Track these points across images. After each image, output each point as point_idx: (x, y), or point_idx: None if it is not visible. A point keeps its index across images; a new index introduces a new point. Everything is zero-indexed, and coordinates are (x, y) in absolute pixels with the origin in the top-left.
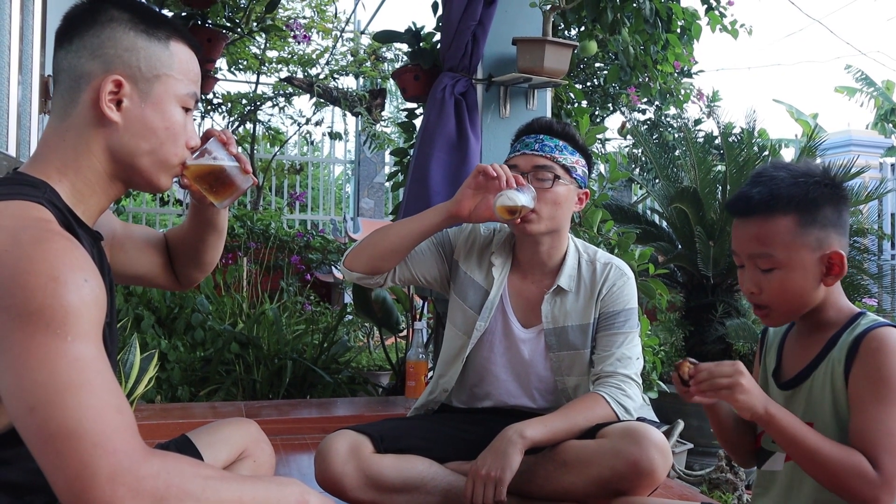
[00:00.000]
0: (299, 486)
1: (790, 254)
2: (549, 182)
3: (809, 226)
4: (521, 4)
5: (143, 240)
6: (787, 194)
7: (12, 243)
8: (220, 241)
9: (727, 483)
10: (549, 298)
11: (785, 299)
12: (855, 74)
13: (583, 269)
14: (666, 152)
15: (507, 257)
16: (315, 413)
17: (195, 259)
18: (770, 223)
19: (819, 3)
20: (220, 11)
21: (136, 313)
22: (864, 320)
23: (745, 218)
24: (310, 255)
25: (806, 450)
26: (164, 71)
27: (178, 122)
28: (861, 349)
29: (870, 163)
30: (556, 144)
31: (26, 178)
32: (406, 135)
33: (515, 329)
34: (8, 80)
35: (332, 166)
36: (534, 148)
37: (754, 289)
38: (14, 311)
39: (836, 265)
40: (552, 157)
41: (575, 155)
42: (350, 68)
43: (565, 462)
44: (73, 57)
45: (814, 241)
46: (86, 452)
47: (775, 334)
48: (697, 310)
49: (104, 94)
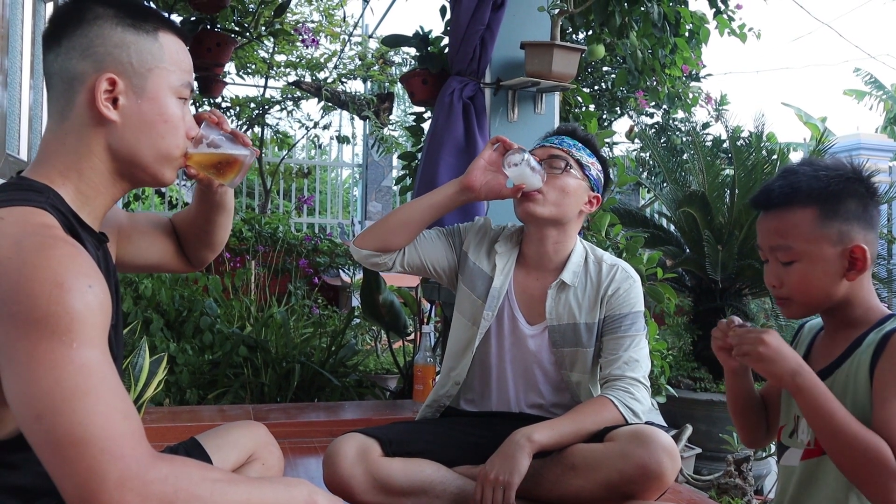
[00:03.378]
0: (307, 486)
1: (810, 246)
2: (559, 169)
3: (830, 219)
4: (529, 8)
5: (150, 228)
6: (806, 187)
7: (16, 251)
8: (229, 219)
9: (736, 488)
10: (553, 294)
11: (805, 292)
12: (864, 78)
13: (589, 268)
14: (674, 156)
15: (512, 248)
16: (323, 416)
17: (205, 240)
18: (789, 215)
19: (828, 7)
20: (229, 16)
21: (146, 316)
22: (894, 322)
23: (767, 211)
24: (317, 258)
25: (831, 425)
26: (155, 64)
27: (175, 115)
28: (889, 345)
29: (879, 166)
30: (576, 144)
31: (30, 183)
32: (414, 138)
33: (522, 325)
34: (20, 84)
35: (340, 170)
36: (553, 142)
37: (775, 282)
38: (19, 319)
39: (860, 260)
40: (568, 151)
41: (592, 157)
42: (358, 72)
43: (574, 465)
44: (63, 59)
45: (835, 235)
46: (93, 458)
47: (809, 331)
48: (706, 314)
49: (100, 94)
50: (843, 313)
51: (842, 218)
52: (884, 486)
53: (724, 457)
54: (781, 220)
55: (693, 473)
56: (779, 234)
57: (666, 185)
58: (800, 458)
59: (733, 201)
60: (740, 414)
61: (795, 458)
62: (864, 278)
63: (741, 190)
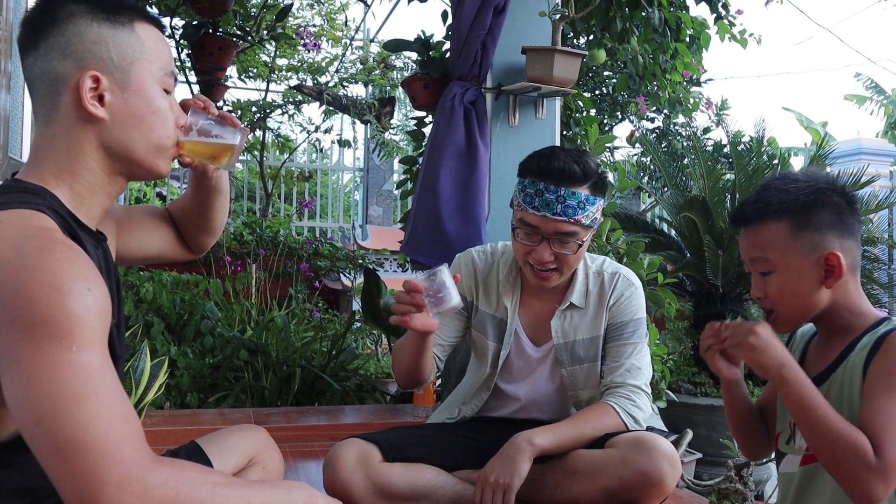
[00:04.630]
0: (307, 489)
1: (785, 257)
2: (572, 248)
3: (802, 230)
4: (530, 13)
5: (148, 219)
6: (777, 201)
7: (15, 255)
8: (226, 202)
9: (736, 493)
10: (560, 314)
11: (786, 302)
12: (865, 83)
13: (590, 283)
14: (675, 161)
15: (514, 281)
16: (323, 420)
17: (204, 226)
18: (763, 229)
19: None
20: (231, 20)
21: (146, 320)
22: (887, 324)
23: (744, 226)
24: (318, 262)
25: (813, 418)
26: (136, 56)
27: (163, 105)
28: (882, 346)
29: (880, 171)
30: (579, 201)
31: (25, 186)
32: (415, 143)
33: (528, 349)
34: (23, 87)
35: (341, 174)
36: (556, 210)
37: (759, 293)
38: (19, 323)
39: (836, 267)
40: (576, 220)
41: (596, 202)
42: (359, 76)
43: (574, 471)
44: (42, 62)
45: (808, 245)
46: (94, 462)
47: (802, 337)
48: (706, 319)
49: (85, 93)
50: (831, 320)
51: (813, 228)
52: (862, 480)
53: (724, 462)
54: (757, 233)
55: (693, 478)
56: (756, 247)
57: (667, 190)
58: (798, 463)
59: (734, 206)
60: (739, 427)
61: (794, 465)
62: (847, 284)
63: (742, 195)
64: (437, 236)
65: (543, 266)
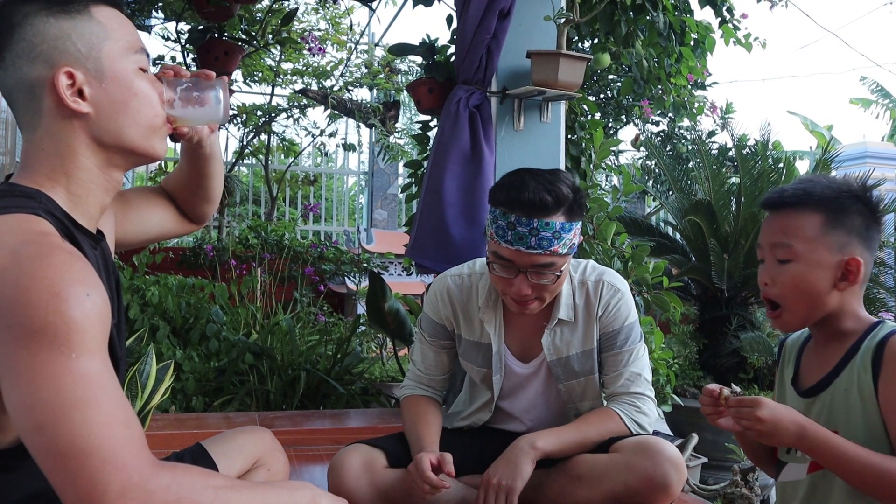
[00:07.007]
0: (311, 488)
1: (810, 249)
2: (551, 279)
3: (835, 227)
4: (535, 17)
5: (143, 200)
6: (819, 193)
7: (13, 260)
8: (221, 167)
9: (742, 498)
10: (550, 331)
11: (796, 295)
12: (870, 86)
13: (576, 295)
14: (679, 164)
15: (495, 304)
16: (328, 424)
17: (203, 194)
18: (798, 216)
19: (833, 15)
20: (237, 25)
21: (152, 324)
22: (883, 327)
23: (776, 210)
24: (323, 265)
25: (850, 467)
26: (101, 42)
27: (143, 86)
28: (886, 355)
29: (886, 175)
30: (554, 231)
31: (21, 189)
32: (420, 147)
33: (515, 367)
34: None
35: (346, 177)
36: (530, 244)
37: (768, 279)
38: (17, 330)
39: (853, 272)
40: (552, 251)
41: (573, 228)
42: (364, 80)
43: (579, 476)
44: (13, 71)
45: (836, 243)
46: (95, 469)
47: (793, 344)
48: (711, 323)
49: (63, 91)
50: (833, 325)
51: (846, 229)
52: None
53: (730, 466)
54: (789, 219)
55: (699, 483)
56: (783, 232)
57: (671, 194)
58: (805, 471)
59: (739, 210)
60: (753, 452)
61: (800, 472)
62: (856, 292)
63: (747, 198)
64: (442, 240)
65: (522, 299)
